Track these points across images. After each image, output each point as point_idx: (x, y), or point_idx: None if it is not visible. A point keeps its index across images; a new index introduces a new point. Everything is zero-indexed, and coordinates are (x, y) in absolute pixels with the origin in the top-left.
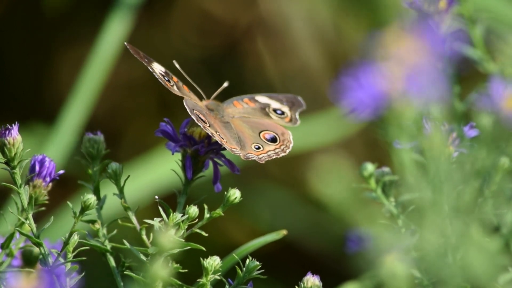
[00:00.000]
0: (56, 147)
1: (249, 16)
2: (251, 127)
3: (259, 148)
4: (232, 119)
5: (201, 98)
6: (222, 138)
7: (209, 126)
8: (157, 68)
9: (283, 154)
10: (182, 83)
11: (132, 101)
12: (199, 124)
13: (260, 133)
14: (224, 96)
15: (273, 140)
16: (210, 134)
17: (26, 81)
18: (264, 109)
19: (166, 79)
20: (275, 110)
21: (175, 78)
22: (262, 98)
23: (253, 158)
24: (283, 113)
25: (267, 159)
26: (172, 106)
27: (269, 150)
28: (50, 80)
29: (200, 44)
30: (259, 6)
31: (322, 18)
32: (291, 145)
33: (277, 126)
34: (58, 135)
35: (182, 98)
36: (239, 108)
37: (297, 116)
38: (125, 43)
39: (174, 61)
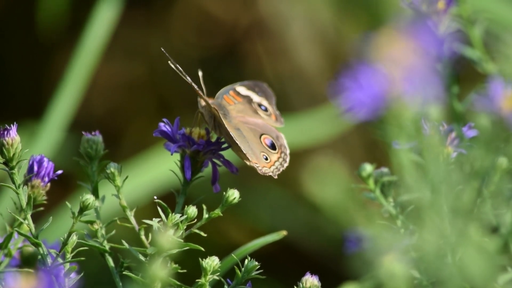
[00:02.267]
0: (44, 144)
1: (249, 17)
2: (251, 129)
3: (267, 159)
4: (234, 119)
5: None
6: (246, 153)
7: (239, 143)
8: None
9: (286, 165)
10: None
11: (132, 101)
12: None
13: (260, 137)
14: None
15: (273, 146)
16: (240, 153)
17: (24, 81)
18: (250, 104)
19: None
20: (259, 106)
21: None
22: (241, 89)
23: (269, 173)
24: (266, 109)
25: (277, 173)
26: (171, 106)
27: (275, 161)
28: (48, 80)
29: (200, 45)
30: (259, 6)
31: (322, 19)
32: (288, 152)
33: (271, 127)
34: (45, 132)
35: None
36: (231, 104)
37: (279, 113)
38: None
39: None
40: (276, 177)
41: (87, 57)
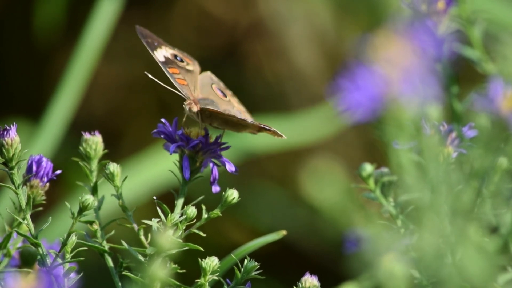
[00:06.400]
0: (42, 144)
1: (248, 17)
2: (219, 98)
3: (240, 112)
4: (219, 102)
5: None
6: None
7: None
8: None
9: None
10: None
11: (131, 101)
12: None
13: (213, 91)
14: None
15: (223, 92)
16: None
17: (23, 81)
18: (182, 67)
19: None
20: (177, 59)
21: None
22: (159, 56)
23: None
24: (181, 59)
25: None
26: (171, 106)
27: (238, 105)
28: (47, 81)
29: (200, 45)
30: (258, 7)
31: (322, 20)
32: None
33: (203, 76)
34: (45, 132)
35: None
36: (187, 84)
37: (179, 50)
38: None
39: (145, 72)
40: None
41: (87, 57)
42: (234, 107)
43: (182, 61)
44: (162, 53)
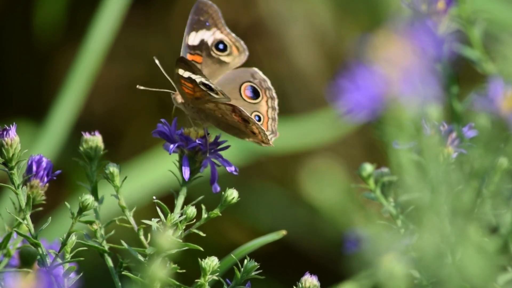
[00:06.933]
0: (46, 145)
1: (248, 17)
2: (241, 100)
3: (259, 119)
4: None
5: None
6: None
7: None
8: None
9: (277, 112)
10: None
11: (132, 101)
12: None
13: (241, 90)
14: None
15: (255, 92)
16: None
17: (23, 82)
18: (211, 57)
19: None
20: (217, 47)
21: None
22: (191, 39)
23: (273, 138)
24: (225, 47)
25: (275, 126)
26: (171, 106)
27: (267, 110)
28: (47, 82)
29: None
30: (258, 7)
31: (322, 20)
32: (274, 94)
33: (240, 71)
34: (48, 133)
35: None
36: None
37: (235, 37)
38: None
39: (154, 57)
40: (277, 136)
41: (91, 58)
42: (259, 112)
43: (224, 50)
44: (202, 36)
